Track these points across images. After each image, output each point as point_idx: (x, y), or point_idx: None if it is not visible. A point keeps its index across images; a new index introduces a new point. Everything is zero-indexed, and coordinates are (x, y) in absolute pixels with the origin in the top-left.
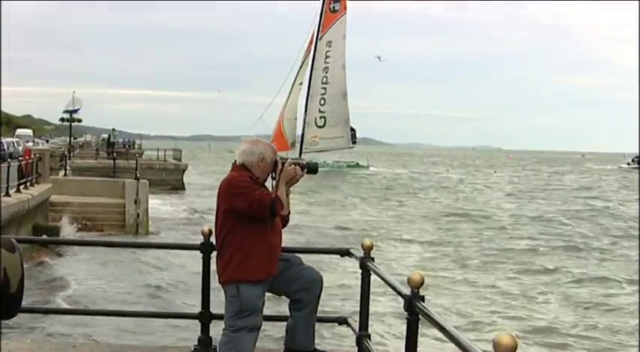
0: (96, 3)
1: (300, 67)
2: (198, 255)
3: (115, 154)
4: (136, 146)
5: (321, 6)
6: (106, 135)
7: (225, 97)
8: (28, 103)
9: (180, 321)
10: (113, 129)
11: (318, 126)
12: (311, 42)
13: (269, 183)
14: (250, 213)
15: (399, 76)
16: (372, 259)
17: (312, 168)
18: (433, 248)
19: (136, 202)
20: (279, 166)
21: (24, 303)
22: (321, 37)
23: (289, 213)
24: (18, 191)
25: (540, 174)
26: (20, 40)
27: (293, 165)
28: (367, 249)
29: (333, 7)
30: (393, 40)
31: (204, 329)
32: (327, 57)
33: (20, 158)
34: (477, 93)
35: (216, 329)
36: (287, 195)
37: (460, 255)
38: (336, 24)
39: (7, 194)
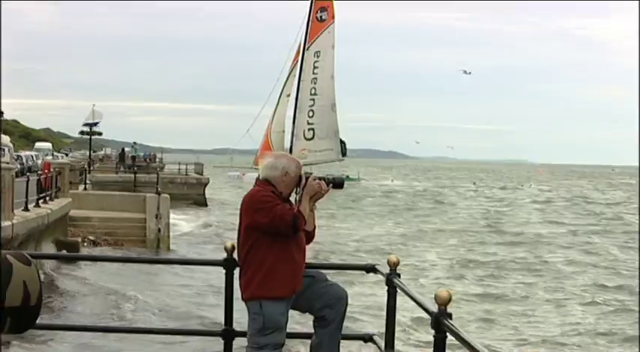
0: (113, 13)
1: (288, 77)
2: (221, 271)
3: (135, 168)
4: (157, 159)
5: (307, 15)
6: (127, 149)
7: (247, 110)
8: (47, 116)
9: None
10: (134, 143)
11: (306, 138)
12: (298, 52)
13: (294, 199)
14: (272, 228)
15: (422, 88)
16: (399, 275)
17: (337, 183)
18: (458, 264)
19: (157, 217)
20: (303, 181)
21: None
22: (308, 48)
23: (315, 228)
24: (37, 205)
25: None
26: (37, 51)
27: (317, 180)
28: (393, 265)
29: (321, 17)
30: (417, 52)
31: (227, 346)
32: (315, 67)
33: (39, 172)
34: (503, 105)
35: (240, 347)
36: (312, 211)
37: (486, 272)
38: (324, 33)
39: (26, 208)
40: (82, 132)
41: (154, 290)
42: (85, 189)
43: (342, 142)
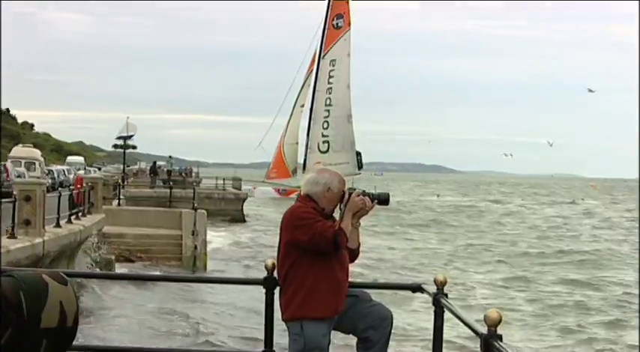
0: (148, 24)
1: (302, 87)
2: (261, 290)
3: (171, 183)
4: (194, 174)
5: (323, 22)
6: (162, 163)
7: (285, 122)
8: (80, 129)
9: None
10: (170, 157)
11: (321, 151)
12: (313, 60)
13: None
14: (313, 246)
15: (468, 99)
16: (446, 295)
17: (382, 200)
18: (508, 283)
19: (193, 234)
20: (346, 197)
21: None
22: (324, 56)
23: (359, 246)
24: (69, 222)
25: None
26: (70, 62)
27: (361, 196)
28: (440, 284)
29: (337, 24)
30: (459, 61)
31: None
32: (330, 77)
33: (71, 187)
34: (551, 117)
35: None
36: (355, 228)
37: (534, 293)
38: (340, 41)
39: (58, 225)
40: (115, 146)
41: (191, 307)
42: (119, 204)
43: (358, 155)
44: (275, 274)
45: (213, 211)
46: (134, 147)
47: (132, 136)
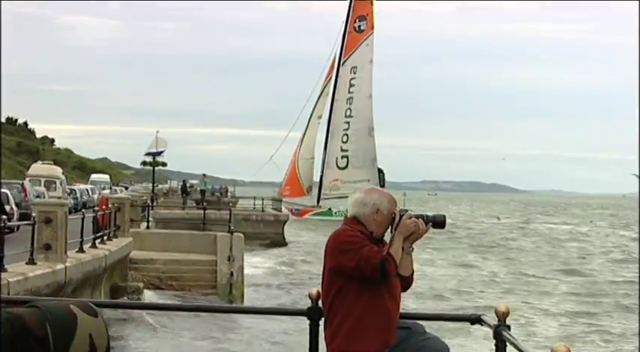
0: (179, 29)
1: (319, 96)
2: (304, 321)
3: (204, 203)
4: (229, 194)
5: (344, 25)
6: (195, 182)
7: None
8: (105, 144)
9: None
10: (204, 175)
11: (339, 167)
12: (332, 67)
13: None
14: (359, 273)
15: (532, 110)
16: (508, 327)
17: (437, 222)
18: (577, 315)
19: (229, 259)
20: (397, 219)
21: None
22: (344, 62)
23: (412, 274)
24: (93, 246)
25: None
26: (92, 71)
27: (413, 218)
28: (502, 316)
29: (359, 27)
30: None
31: None
32: (351, 85)
33: (96, 208)
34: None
35: None
36: (408, 253)
37: (604, 328)
38: (362, 46)
39: (81, 249)
40: (144, 163)
41: (229, 339)
42: (148, 227)
43: (380, 172)
44: (320, 304)
45: (251, 234)
46: (164, 165)
47: (162, 152)
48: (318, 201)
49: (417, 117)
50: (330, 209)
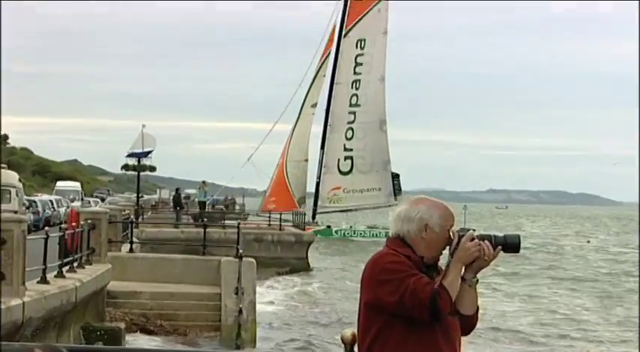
0: None
1: (314, 78)
2: None
3: (204, 219)
4: (238, 206)
5: None
6: (192, 191)
7: None
8: (74, 142)
9: None
10: (203, 182)
11: (341, 172)
12: (331, 41)
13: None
14: (403, 310)
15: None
16: None
17: (510, 245)
18: None
19: (237, 292)
20: (455, 240)
21: None
22: (346, 34)
23: (477, 312)
24: (60, 275)
25: None
26: (59, 45)
27: (477, 240)
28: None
29: None
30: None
31: None
32: (357, 64)
33: (63, 225)
34: None
35: None
36: (471, 286)
37: None
38: (373, 13)
39: (44, 280)
40: (125, 167)
41: None
42: (131, 250)
43: (395, 178)
44: (356, 349)
45: (266, 260)
46: (152, 169)
47: (149, 153)
48: (313, 217)
49: (475, 104)
50: (329, 227)
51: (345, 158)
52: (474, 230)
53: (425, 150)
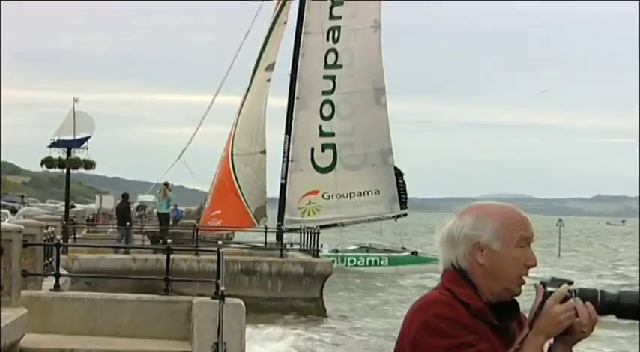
0: None
1: (271, 29)
2: None
3: (167, 240)
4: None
5: None
6: (149, 198)
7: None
8: None
9: None
10: (165, 185)
11: (318, 168)
12: None
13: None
14: None
15: None
16: None
17: (622, 308)
18: None
19: (216, 350)
20: (539, 300)
21: None
22: None
23: None
24: None
25: None
26: None
27: (570, 301)
28: None
29: None
30: None
31: None
32: (335, 3)
33: None
34: None
35: None
36: None
37: None
38: None
39: None
40: (48, 162)
41: None
42: (57, 287)
43: (398, 176)
44: None
45: (260, 301)
46: (89, 165)
47: (84, 141)
48: (278, 238)
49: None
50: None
51: (324, 147)
52: (571, 283)
53: (494, 134)
